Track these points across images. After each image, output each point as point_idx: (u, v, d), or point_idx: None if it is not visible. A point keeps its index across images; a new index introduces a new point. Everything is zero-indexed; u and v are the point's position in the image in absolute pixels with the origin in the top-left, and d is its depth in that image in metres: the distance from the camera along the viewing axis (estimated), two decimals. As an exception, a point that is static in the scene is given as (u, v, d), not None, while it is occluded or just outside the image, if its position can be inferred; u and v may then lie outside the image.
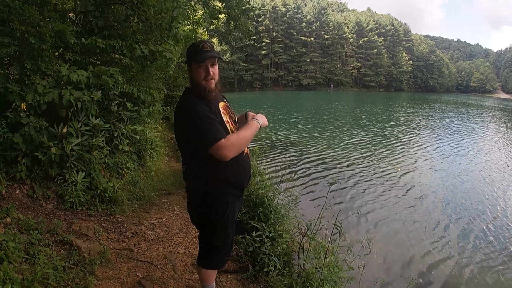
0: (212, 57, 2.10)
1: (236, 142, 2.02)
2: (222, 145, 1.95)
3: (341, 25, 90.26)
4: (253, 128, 2.18)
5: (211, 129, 1.98)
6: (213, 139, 1.95)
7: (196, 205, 2.28)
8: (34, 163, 3.60)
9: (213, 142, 1.95)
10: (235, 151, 2.02)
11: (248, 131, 2.13)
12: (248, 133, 2.13)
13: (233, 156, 2.01)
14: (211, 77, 2.12)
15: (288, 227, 3.97)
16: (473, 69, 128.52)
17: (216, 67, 2.16)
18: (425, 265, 4.98)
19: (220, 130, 2.02)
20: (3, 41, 3.32)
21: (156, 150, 6.32)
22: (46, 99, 3.55)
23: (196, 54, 2.10)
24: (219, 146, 1.94)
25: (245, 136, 2.10)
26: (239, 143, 2.04)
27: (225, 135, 2.00)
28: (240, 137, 2.07)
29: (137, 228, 3.88)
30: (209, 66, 2.11)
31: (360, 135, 16.29)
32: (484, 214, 7.06)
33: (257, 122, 2.23)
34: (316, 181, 8.63)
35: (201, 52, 2.09)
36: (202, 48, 2.09)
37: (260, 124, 2.23)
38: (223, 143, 1.95)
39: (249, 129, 2.16)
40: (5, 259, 2.26)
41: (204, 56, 2.08)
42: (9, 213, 2.92)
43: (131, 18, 4.45)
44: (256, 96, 50.72)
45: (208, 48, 2.10)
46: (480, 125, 23.75)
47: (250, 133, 2.14)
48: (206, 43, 2.12)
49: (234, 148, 2.00)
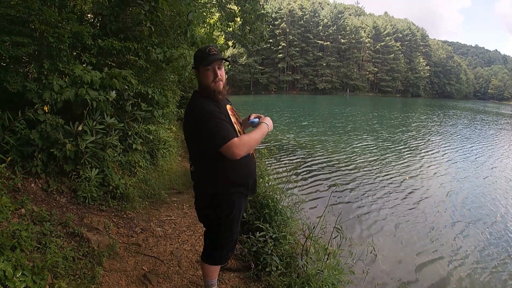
0: (219, 59, 2.20)
1: (247, 142, 2.11)
2: (235, 143, 2.03)
3: (358, 29, 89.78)
4: (262, 131, 2.28)
5: (223, 128, 2.07)
6: (224, 137, 2.04)
7: (205, 205, 2.37)
8: (49, 159, 3.76)
9: (225, 141, 2.03)
10: (246, 150, 2.10)
11: (258, 134, 2.23)
12: (258, 135, 2.23)
13: (243, 155, 2.09)
14: (219, 78, 2.22)
15: (293, 229, 4.01)
16: (491, 76, 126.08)
17: (222, 70, 2.26)
18: (430, 272, 4.93)
19: (231, 129, 2.12)
20: (23, 41, 3.47)
21: (169, 150, 6.46)
22: (63, 97, 3.69)
23: (204, 57, 2.20)
24: (231, 145, 2.02)
25: (255, 138, 2.20)
26: (250, 143, 2.13)
27: (236, 135, 2.09)
28: (251, 138, 2.16)
29: (146, 224, 3.99)
30: (216, 68, 2.21)
31: (369, 139, 16.19)
32: (496, 222, 6.95)
33: (266, 126, 2.32)
34: (323, 183, 8.66)
35: (208, 56, 2.19)
36: (209, 52, 2.20)
37: (268, 128, 2.33)
38: (236, 141, 2.04)
39: (259, 132, 2.25)
40: (17, 246, 2.39)
41: (211, 59, 2.18)
42: (23, 205, 3.06)
43: (144, 23, 4.57)
44: (271, 100, 50.76)
45: (214, 52, 2.20)
46: (492, 132, 23.28)
47: (260, 135, 2.24)
48: (213, 47, 2.22)
49: (245, 147, 2.09)
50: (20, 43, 3.46)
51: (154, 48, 4.77)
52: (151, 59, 4.79)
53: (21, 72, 3.71)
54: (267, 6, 68.79)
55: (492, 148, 16.10)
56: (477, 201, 8.18)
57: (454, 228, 6.51)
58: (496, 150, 15.63)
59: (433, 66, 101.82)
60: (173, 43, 5.48)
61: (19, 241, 2.43)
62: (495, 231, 6.52)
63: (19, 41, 3.44)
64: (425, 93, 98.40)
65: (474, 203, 8.02)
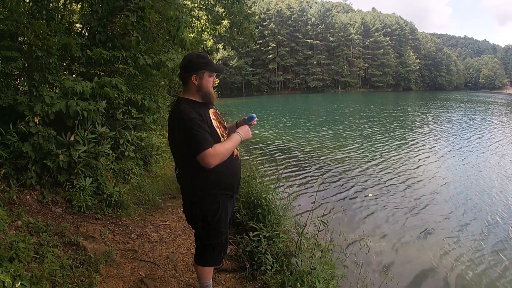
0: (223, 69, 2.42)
1: (220, 152, 2.18)
2: (208, 154, 2.11)
3: (347, 26, 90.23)
4: (234, 141, 2.34)
5: (201, 138, 2.13)
6: (199, 148, 2.11)
7: (190, 207, 2.44)
8: (43, 170, 3.80)
9: (200, 151, 2.11)
10: (219, 160, 2.18)
11: (230, 143, 2.30)
12: (230, 145, 2.30)
13: (216, 164, 2.16)
14: (214, 84, 2.37)
15: (287, 228, 4.09)
16: (481, 66, 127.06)
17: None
18: (424, 264, 5.04)
19: (208, 139, 2.17)
20: (12, 56, 3.51)
21: (161, 156, 6.51)
22: (54, 109, 3.73)
23: (210, 63, 2.31)
24: (205, 155, 2.10)
25: (228, 147, 2.27)
26: (223, 153, 2.21)
27: (212, 144, 2.15)
28: (224, 148, 2.23)
29: (142, 230, 4.05)
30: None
31: (361, 135, 16.37)
32: (488, 212, 7.08)
33: (238, 135, 2.39)
34: (313, 180, 8.82)
35: (212, 63, 2.32)
36: (212, 59, 2.33)
37: (241, 137, 2.40)
38: (210, 152, 2.11)
39: (231, 142, 2.32)
40: (15, 258, 2.44)
41: (220, 67, 2.39)
42: (20, 217, 3.11)
43: (131, 33, 4.63)
44: (262, 101, 50.80)
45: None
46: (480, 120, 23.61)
47: (232, 145, 2.31)
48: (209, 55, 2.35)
49: (218, 157, 2.16)
50: (9, 58, 3.50)
51: (142, 54, 4.82)
52: (140, 65, 4.84)
53: (12, 86, 3.75)
54: (255, 7, 68.92)
55: (483, 137, 16.36)
56: (472, 190, 8.36)
57: (449, 219, 6.61)
58: (487, 140, 15.86)
59: (423, 59, 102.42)
60: (161, 49, 5.54)
61: (17, 252, 2.48)
62: (491, 220, 6.61)
63: (8, 55, 3.47)
64: (416, 86, 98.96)
65: (469, 192, 8.20)
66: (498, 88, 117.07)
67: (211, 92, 2.35)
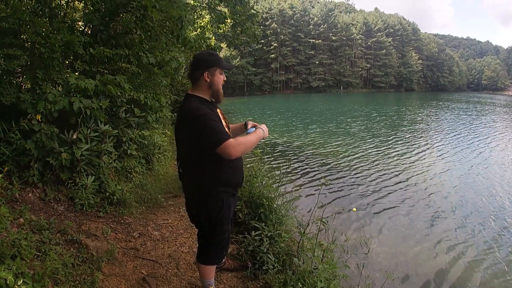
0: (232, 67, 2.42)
1: (243, 144, 2.17)
2: (230, 144, 2.08)
3: (349, 26, 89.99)
4: (258, 134, 2.35)
5: (220, 129, 2.14)
6: (221, 138, 2.09)
7: (194, 205, 2.44)
8: (46, 168, 3.81)
9: (222, 141, 2.07)
10: (241, 151, 2.16)
11: (254, 137, 2.31)
12: (254, 138, 2.30)
13: (237, 156, 2.15)
14: (223, 82, 2.39)
15: (289, 227, 4.09)
16: (483, 67, 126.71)
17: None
18: (425, 264, 5.02)
19: (226, 131, 2.19)
20: (15, 54, 3.50)
21: (164, 155, 6.51)
22: (57, 107, 3.72)
23: (221, 61, 2.33)
24: (226, 145, 2.07)
25: (251, 140, 2.26)
26: (245, 145, 2.20)
27: (230, 136, 2.15)
28: (247, 140, 2.23)
29: (144, 228, 4.05)
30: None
31: (362, 136, 16.33)
32: (488, 212, 7.06)
33: (262, 131, 2.40)
34: (316, 180, 8.80)
35: (222, 60, 2.35)
36: (221, 58, 2.35)
37: (264, 133, 2.40)
38: (231, 142, 2.09)
39: (255, 135, 2.33)
40: (17, 255, 2.44)
41: (231, 65, 2.43)
42: (22, 215, 3.11)
43: (134, 31, 4.62)
44: (264, 100, 50.77)
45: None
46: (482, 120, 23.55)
47: (256, 139, 2.32)
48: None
49: (240, 148, 2.14)
50: (12, 56, 3.49)
51: (145, 53, 4.82)
52: (143, 63, 4.83)
53: (14, 84, 3.75)
54: (257, 7, 68.84)
55: (482, 138, 16.35)
56: (472, 191, 8.34)
57: (449, 220, 6.60)
58: (488, 140, 15.84)
59: (426, 59, 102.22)
60: (165, 47, 5.53)
61: (19, 250, 2.48)
62: (493, 222, 6.59)
63: (11, 53, 3.47)
64: (418, 87, 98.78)
65: (469, 193, 8.17)
66: (501, 90, 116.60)
67: (221, 90, 2.37)
